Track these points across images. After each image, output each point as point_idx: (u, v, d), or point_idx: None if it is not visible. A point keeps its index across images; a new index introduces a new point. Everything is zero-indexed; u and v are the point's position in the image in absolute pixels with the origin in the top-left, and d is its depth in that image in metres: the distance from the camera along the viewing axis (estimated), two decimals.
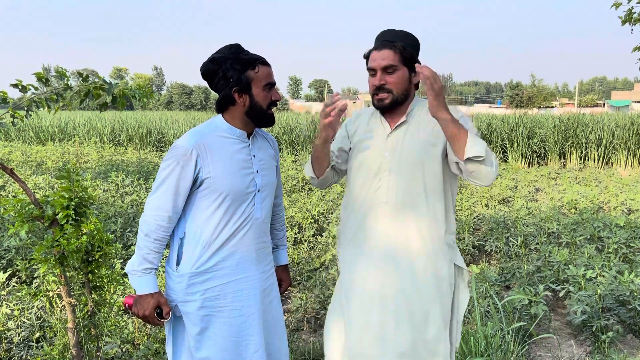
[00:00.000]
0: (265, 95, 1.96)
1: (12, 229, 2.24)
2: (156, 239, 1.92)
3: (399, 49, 2.01)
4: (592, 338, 3.66)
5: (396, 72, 2.04)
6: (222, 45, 1.97)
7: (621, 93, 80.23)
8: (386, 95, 2.06)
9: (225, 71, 1.89)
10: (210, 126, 1.98)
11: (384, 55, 2.02)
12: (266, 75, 1.96)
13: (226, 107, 1.97)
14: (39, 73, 2.08)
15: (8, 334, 3.50)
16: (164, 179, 1.89)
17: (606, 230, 5.55)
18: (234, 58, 1.90)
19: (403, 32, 2.08)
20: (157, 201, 1.91)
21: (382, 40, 2.07)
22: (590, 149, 14.42)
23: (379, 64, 2.03)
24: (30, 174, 9.71)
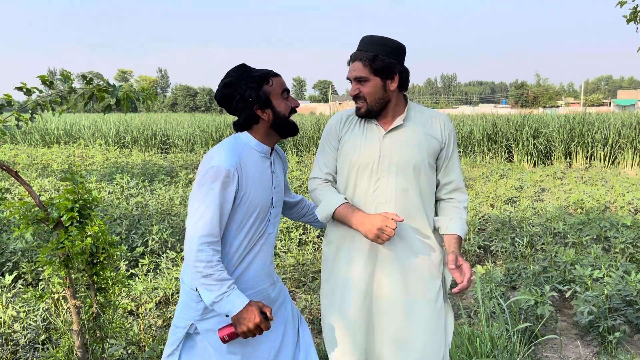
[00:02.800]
0: (285, 104, 2.00)
1: (18, 232, 2.25)
2: (217, 261, 1.82)
3: (368, 60, 2.03)
4: (599, 339, 3.64)
5: (367, 83, 2.07)
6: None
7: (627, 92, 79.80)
8: (362, 104, 2.11)
9: (242, 93, 1.91)
10: (240, 143, 1.96)
11: (355, 67, 2.07)
12: (280, 83, 1.99)
13: (250, 127, 1.98)
14: (43, 76, 2.08)
15: (14, 336, 3.51)
16: (210, 203, 1.82)
17: (613, 230, 5.52)
18: (246, 78, 1.92)
19: (380, 40, 2.07)
20: (207, 228, 1.81)
21: (357, 49, 2.09)
22: (597, 149, 14.35)
23: (351, 75, 2.09)
24: (35, 177, 9.76)
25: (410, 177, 2.11)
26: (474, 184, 10.06)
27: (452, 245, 2.15)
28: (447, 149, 2.18)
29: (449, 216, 2.20)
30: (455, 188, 2.22)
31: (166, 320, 3.95)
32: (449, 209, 2.22)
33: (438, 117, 2.20)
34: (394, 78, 2.07)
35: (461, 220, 2.18)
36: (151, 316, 3.87)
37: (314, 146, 16.82)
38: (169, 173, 11.32)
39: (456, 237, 2.15)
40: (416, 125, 2.15)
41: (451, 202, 2.22)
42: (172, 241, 5.49)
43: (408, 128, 2.14)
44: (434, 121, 2.18)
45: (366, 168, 2.14)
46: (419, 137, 2.13)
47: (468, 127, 16.08)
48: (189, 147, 18.31)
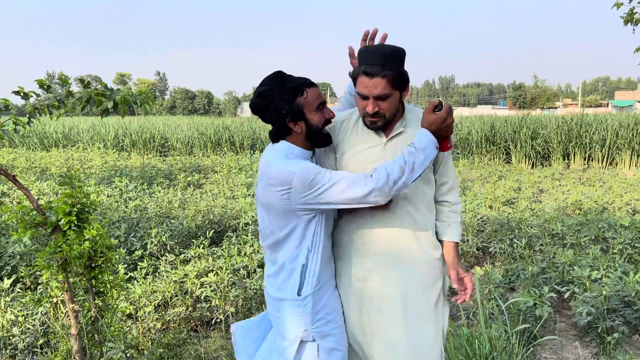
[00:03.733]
0: (319, 116, 1.99)
1: (15, 236, 2.25)
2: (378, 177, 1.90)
3: (392, 76, 1.97)
4: (597, 339, 3.64)
5: (389, 99, 2.02)
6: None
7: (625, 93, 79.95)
8: (379, 119, 2.06)
9: (275, 104, 1.91)
10: (285, 153, 1.98)
11: (376, 84, 1.97)
12: (316, 96, 1.98)
13: (284, 137, 2.00)
14: (41, 80, 2.09)
15: (12, 340, 3.51)
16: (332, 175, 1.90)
17: (611, 230, 5.52)
18: (280, 89, 1.91)
19: (392, 52, 2.00)
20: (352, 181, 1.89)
21: (371, 63, 1.98)
22: (594, 150, 14.37)
23: (371, 92, 1.99)
24: (34, 180, 9.75)
25: (414, 182, 2.09)
26: (472, 185, 10.06)
27: (450, 254, 2.22)
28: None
29: (446, 222, 2.24)
30: (450, 188, 2.25)
31: (165, 323, 3.95)
32: (445, 213, 2.25)
33: None
34: (407, 87, 2.08)
35: (457, 225, 2.23)
36: (150, 319, 3.87)
37: None
38: (168, 176, 11.32)
39: (453, 245, 2.22)
40: (415, 130, 2.15)
41: (446, 206, 2.25)
42: (171, 244, 5.48)
43: (408, 134, 2.14)
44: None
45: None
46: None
47: (466, 129, 16.10)
48: (188, 150, 18.30)
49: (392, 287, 2.15)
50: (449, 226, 2.22)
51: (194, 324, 4.05)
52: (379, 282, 2.16)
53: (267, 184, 1.96)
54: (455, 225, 2.22)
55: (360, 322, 2.20)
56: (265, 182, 1.97)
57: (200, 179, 10.67)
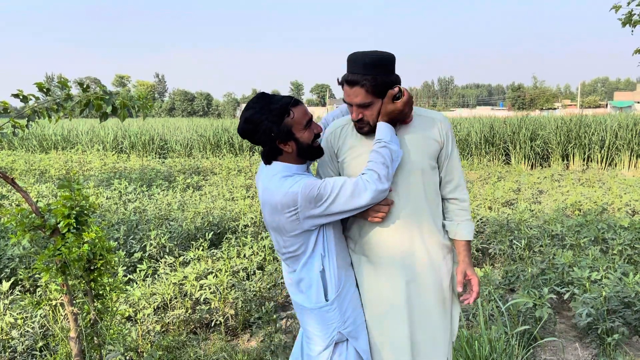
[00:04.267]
0: (308, 132, 2.00)
1: (14, 238, 2.24)
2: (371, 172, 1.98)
3: (371, 86, 1.99)
4: (597, 341, 3.64)
5: (371, 106, 2.05)
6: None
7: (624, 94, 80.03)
8: (364, 125, 2.10)
9: (264, 128, 1.93)
10: (284, 174, 2.01)
11: (357, 93, 2.01)
12: (302, 114, 1.99)
13: (276, 157, 2.02)
14: (40, 83, 2.08)
15: (12, 342, 3.50)
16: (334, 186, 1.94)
17: (610, 231, 5.52)
18: (266, 112, 1.92)
19: (374, 61, 2.00)
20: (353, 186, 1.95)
21: (352, 71, 2.02)
22: (593, 150, 14.38)
23: (352, 100, 2.04)
24: (33, 183, 9.74)
25: (414, 181, 2.13)
26: (471, 186, 10.06)
27: (462, 252, 2.22)
28: (445, 148, 2.20)
29: (455, 220, 2.24)
30: (457, 185, 2.24)
31: (164, 325, 3.95)
32: (454, 211, 2.25)
33: (435, 117, 2.21)
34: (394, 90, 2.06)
35: (467, 222, 2.23)
36: (149, 322, 3.86)
37: None
38: (167, 178, 11.32)
39: (465, 244, 2.21)
40: (415, 129, 2.16)
41: (455, 204, 2.25)
42: (170, 246, 5.48)
43: (407, 133, 2.15)
44: (432, 123, 2.19)
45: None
46: (418, 141, 2.15)
47: (465, 130, 16.11)
48: (187, 151, 18.30)
49: (397, 287, 2.15)
50: (458, 225, 2.22)
51: (194, 326, 4.04)
52: (384, 282, 2.17)
53: (273, 210, 1.98)
54: (465, 224, 2.22)
55: (370, 325, 2.21)
56: (270, 209, 1.99)
57: (200, 181, 10.66)
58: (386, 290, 2.17)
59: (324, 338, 2.09)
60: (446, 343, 2.21)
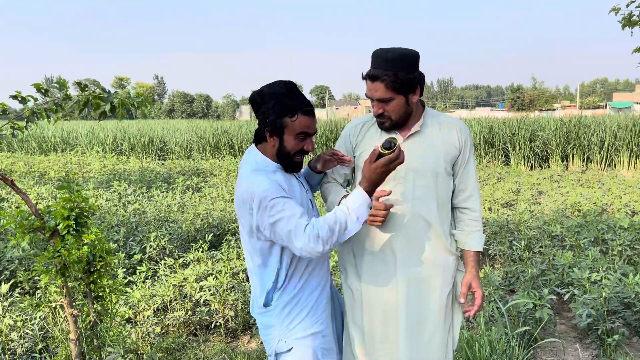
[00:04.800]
0: (296, 143, 1.97)
1: (14, 240, 2.24)
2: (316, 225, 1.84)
3: (391, 82, 2.00)
4: (597, 341, 3.63)
5: (391, 102, 2.05)
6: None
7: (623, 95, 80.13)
8: (385, 120, 2.10)
9: (266, 108, 1.93)
10: (260, 168, 1.98)
11: (376, 88, 2.03)
12: (303, 125, 1.95)
13: (260, 141, 2.02)
14: (38, 84, 2.08)
15: (11, 345, 3.49)
16: (288, 206, 1.85)
17: (610, 232, 5.52)
18: (277, 100, 1.92)
19: (395, 56, 2.01)
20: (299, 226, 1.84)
21: (374, 67, 2.03)
22: (593, 151, 14.38)
23: (373, 95, 2.06)
24: (32, 185, 9.73)
25: (428, 183, 2.13)
26: None
27: (470, 262, 2.20)
28: (463, 155, 2.19)
29: (466, 230, 2.22)
30: (470, 195, 2.22)
31: (164, 327, 3.94)
32: (465, 221, 2.23)
33: (455, 123, 2.21)
34: (416, 91, 2.07)
35: (478, 233, 2.21)
36: (149, 323, 3.85)
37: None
38: (167, 179, 11.31)
39: (473, 254, 2.20)
40: (433, 132, 2.16)
41: (466, 214, 2.23)
42: (170, 248, 5.47)
43: (426, 135, 2.15)
44: (451, 128, 2.19)
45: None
46: (436, 144, 2.15)
47: None
48: (187, 153, 18.30)
49: (398, 288, 2.15)
50: (468, 235, 2.20)
51: (193, 327, 4.03)
52: (385, 282, 2.16)
53: (237, 200, 1.96)
54: (475, 234, 2.20)
55: (370, 329, 2.21)
56: (236, 198, 1.98)
57: (199, 183, 10.66)
58: (387, 290, 2.16)
59: (269, 347, 2.08)
60: (443, 348, 2.19)
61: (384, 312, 2.19)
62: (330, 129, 17.69)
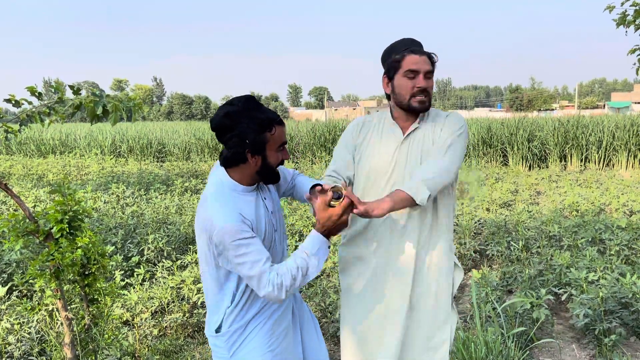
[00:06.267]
0: (277, 156, 1.91)
1: (8, 244, 2.24)
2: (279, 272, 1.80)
3: (433, 61, 2.14)
4: (595, 341, 3.64)
5: (431, 80, 2.13)
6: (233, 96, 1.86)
7: (621, 94, 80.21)
8: (427, 99, 2.13)
9: (240, 130, 1.80)
10: (226, 193, 1.87)
11: (427, 61, 2.11)
12: (281, 135, 1.89)
13: (236, 165, 1.88)
14: (32, 87, 2.08)
15: (8, 348, 3.49)
16: (249, 248, 1.78)
17: (608, 232, 5.53)
18: (250, 117, 1.81)
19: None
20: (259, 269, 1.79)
21: (418, 46, 2.16)
22: (591, 151, 14.40)
23: (423, 68, 2.10)
24: (31, 187, 9.73)
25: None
26: (469, 188, 10.07)
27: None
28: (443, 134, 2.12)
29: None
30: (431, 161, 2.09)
31: (162, 330, 3.94)
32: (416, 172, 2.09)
33: (451, 115, 2.24)
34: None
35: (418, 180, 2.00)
36: (147, 326, 3.85)
37: (309, 152, 16.84)
38: (165, 182, 11.30)
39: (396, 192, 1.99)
40: (427, 128, 2.18)
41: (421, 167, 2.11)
42: (168, 250, 5.47)
43: (424, 134, 2.16)
44: (448, 119, 2.20)
45: (384, 174, 2.17)
46: (432, 139, 2.16)
47: None
48: (185, 155, 18.30)
49: (396, 293, 2.18)
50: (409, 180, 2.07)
51: (191, 330, 4.03)
52: (385, 285, 2.19)
53: (197, 221, 1.89)
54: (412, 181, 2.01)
55: (368, 329, 2.24)
56: (199, 215, 1.90)
57: (198, 185, 10.65)
58: (387, 290, 2.19)
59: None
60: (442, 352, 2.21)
61: (384, 313, 2.20)
62: (329, 130, 17.69)
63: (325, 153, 16.54)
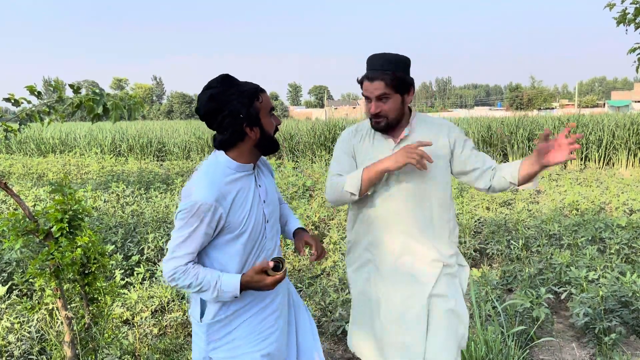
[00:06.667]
0: (271, 122, 1.92)
1: (7, 243, 2.24)
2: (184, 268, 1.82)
3: (390, 79, 2.09)
4: (595, 340, 3.64)
5: (389, 100, 2.12)
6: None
7: (621, 93, 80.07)
8: (381, 120, 2.16)
9: (231, 108, 1.79)
10: (220, 169, 1.87)
11: (376, 86, 2.11)
12: (268, 101, 1.90)
13: (234, 144, 1.88)
14: (31, 86, 2.08)
15: (8, 347, 3.49)
16: (189, 236, 1.80)
17: (608, 231, 5.52)
18: (237, 92, 1.81)
19: (392, 58, 2.13)
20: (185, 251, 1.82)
21: (372, 68, 2.13)
22: (591, 150, 14.38)
23: (373, 94, 2.12)
24: (31, 187, 9.72)
25: (422, 186, 2.18)
26: (469, 187, 10.06)
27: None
28: (458, 147, 2.24)
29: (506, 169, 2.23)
30: (490, 165, 2.26)
31: (162, 329, 3.94)
32: (501, 169, 2.24)
33: (442, 123, 2.28)
34: (410, 92, 2.16)
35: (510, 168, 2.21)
36: (147, 325, 3.85)
37: (309, 151, 16.83)
38: (165, 180, 11.30)
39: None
40: (425, 134, 2.22)
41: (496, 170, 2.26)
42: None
43: (412, 139, 2.20)
44: (440, 128, 2.25)
45: (380, 181, 2.21)
46: (427, 147, 2.18)
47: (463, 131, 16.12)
48: (185, 154, 18.29)
49: (400, 292, 2.21)
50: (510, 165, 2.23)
51: (191, 329, 4.03)
52: (387, 287, 2.23)
53: (184, 186, 1.90)
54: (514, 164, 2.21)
55: (373, 329, 2.27)
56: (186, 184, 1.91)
57: None
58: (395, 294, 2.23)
59: (194, 355, 2.02)
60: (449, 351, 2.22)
61: (382, 315, 2.24)
62: (329, 129, 17.68)
63: (325, 152, 16.53)
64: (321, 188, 9.32)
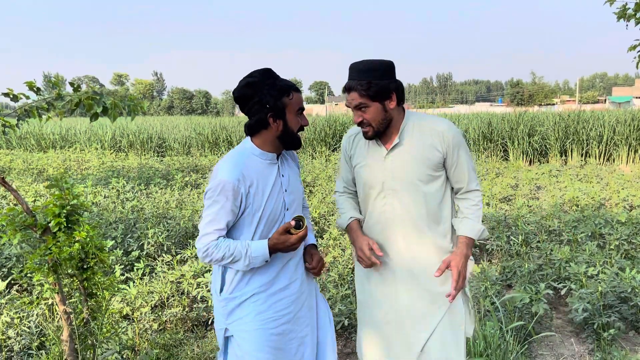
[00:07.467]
0: (297, 120, 2.05)
1: (5, 238, 2.24)
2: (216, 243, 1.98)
3: (364, 90, 2.10)
4: (593, 335, 3.64)
5: (368, 109, 2.14)
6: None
7: (622, 89, 79.91)
8: (368, 129, 2.19)
9: (261, 97, 1.96)
10: (245, 153, 2.04)
11: (352, 97, 2.13)
12: (299, 101, 2.05)
13: (258, 131, 2.04)
14: (30, 82, 2.07)
15: (8, 342, 3.50)
16: (218, 212, 1.95)
17: (608, 226, 5.53)
18: (270, 84, 1.97)
19: (369, 66, 2.12)
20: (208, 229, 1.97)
21: (350, 79, 2.15)
22: (592, 146, 14.37)
23: (352, 104, 2.15)
24: (31, 182, 9.73)
25: (414, 193, 2.19)
26: None
27: (458, 245, 2.22)
28: (450, 157, 2.21)
29: (459, 217, 2.28)
30: (467, 190, 2.27)
31: (162, 324, 3.95)
32: (461, 209, 2.29)
33: (436, 127, 2.21)
34: (392, 97, 2.14)
35: (473, 219, 2.24)
36: (146, 320, 3.86)
37: (310, 147, 16.82)
38: (165, 176, 11.30)
39: (464, 239, 2.22)
40: (413, 141, 2.21)
41: (463, 203, 2.29)
42: (168, 244, 5.47)
43: (408, 144, 2.20)
44: (433, 133, 2.20)
45: (375, 187, 2.25)
46: (419, 152, 2.19)
47: (463, 127, 16.10)
48: (185, 150, 18.28)
49: (404, 291, 2.24)
50: (461, 221, 2.25)
51: (191, 324, 4.04)
52: (391, 287, 2.26)
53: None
54: (466, 220, 2.23)
55: (378, 329, 2.30)
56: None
57: (198, 179, 10.65)
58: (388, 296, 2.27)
59: (216, 324, 2.16)
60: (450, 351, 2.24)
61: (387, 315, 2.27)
62: (330, 124, 17.67)
63: (326, 148, 16.53)
64: (321, 184, 9.32)
